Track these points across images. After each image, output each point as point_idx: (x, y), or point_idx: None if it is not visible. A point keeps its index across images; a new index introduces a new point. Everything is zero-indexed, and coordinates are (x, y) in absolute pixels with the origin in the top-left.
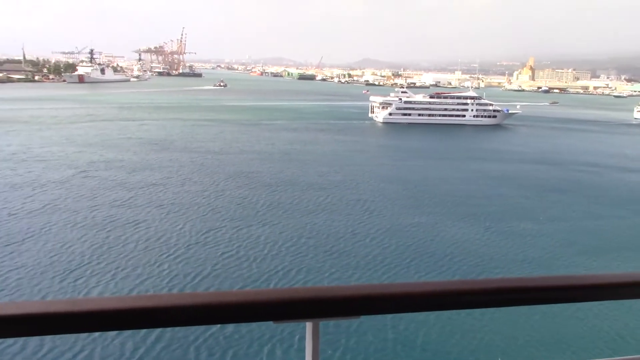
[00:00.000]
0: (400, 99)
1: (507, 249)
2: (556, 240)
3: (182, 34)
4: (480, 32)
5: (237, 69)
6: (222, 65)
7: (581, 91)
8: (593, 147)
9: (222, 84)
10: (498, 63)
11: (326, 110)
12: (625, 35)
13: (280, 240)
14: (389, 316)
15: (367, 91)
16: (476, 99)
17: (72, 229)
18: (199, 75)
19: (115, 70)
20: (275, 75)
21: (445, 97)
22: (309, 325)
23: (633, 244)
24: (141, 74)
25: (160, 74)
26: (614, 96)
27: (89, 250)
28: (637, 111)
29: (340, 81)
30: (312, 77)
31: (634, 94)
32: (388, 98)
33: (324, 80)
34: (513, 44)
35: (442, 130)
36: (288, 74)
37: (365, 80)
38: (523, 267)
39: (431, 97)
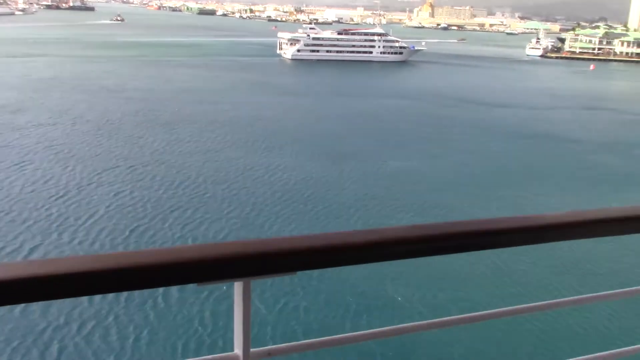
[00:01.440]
0: (309, 35)
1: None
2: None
3: None
4: None
5: (132, 3)
6: None
7: (478, 28)
8: (486, 83)
9: (119, 18)
10: (399, 0)
11: (230, 46)
12: None
13: (177, 180)
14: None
15: (276, 27)
16: (383, 35)
17: None
18: (91, 9)
19: None
20: (174, 9)
21: (353, 34)
22: (238, 285)
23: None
24: (27, 6)
25: (48, 7)
26: (507, 33)
27: None
28: (530, 48)
29: (242, 16)
30: (212, 12)
31: (527, 31)
32: (296, 34)
33: (225, 15)
34: None
35: (348, 67)
36: (187, 8)
37: (267, 16)
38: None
39: (339, 33)
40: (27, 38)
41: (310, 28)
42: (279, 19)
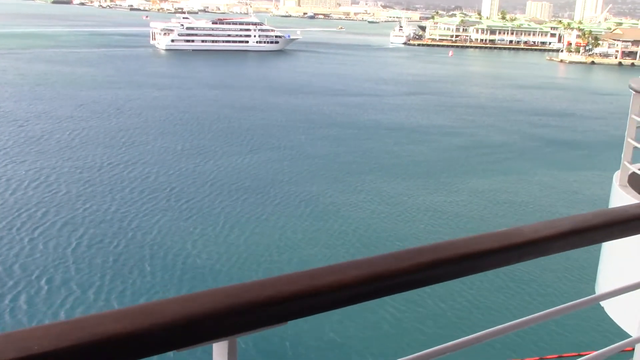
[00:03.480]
0: (182, 24)
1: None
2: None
3: None
4: None
5: None
6: None
7: (343, 17)
8: (351, 70)
9: None
10: None
11: (94, 37)
12: None
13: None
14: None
15: (147, 17)
16: (258, 24)
17: None
18: None
19: None
20: None
21: (228, 23)
22: (221, 346)
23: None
24: None
25: None
26: (368, 22)
27: None
28: (393, 36)
29: (101, 5)
30: (68, 1)
31: (390, 19)
32: (169, 24)
33: (82, 4)
34: None
35: (223, 57)
36: None
37: (129, 5)
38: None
39: (214, 22)
40: None
41: (184, 17)
42: (142, 7)
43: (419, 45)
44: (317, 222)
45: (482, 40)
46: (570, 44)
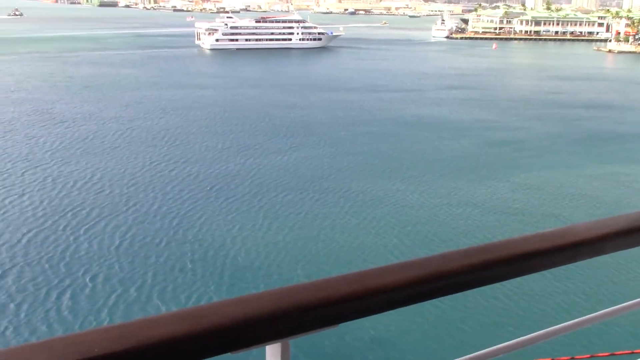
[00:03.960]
0: (226, 24)
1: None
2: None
3: None
4: None
5: None
6: None
7: (385, 12)
8: (393, 66)
9: (17, 12)
10: None
11: (139, 39)
12: None
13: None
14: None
15: (192, 17)
16: (301, 22)
17: None
18: None
19: None
20: (73, 2)
21: (271, 22)
22: (274, 348)
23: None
24: None
25: None
26: (409, 16)
27: None
28: (436, 30)
29: (145, 7)
30: (114, 4)
31: (432, 13)
32: (214, 24)
33: (127, 6)
34: None
35: (267, 55)
36: (87, 0)
37: (172, 6)
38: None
39: (257, 21)
40: None
41: (228, 17)
42: (185, 8)
43: (461, 38)
44: (361, 219)
45: (526, 31)
46: (619, 33)
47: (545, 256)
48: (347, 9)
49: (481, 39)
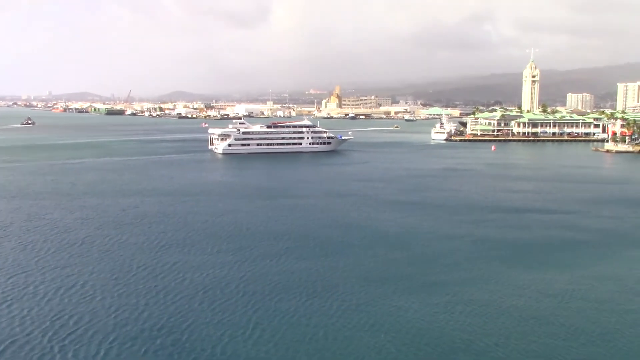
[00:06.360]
0: (239, 129)
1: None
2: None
3: None
4: (289, 63)
5: (36, 106)
6: (19, 103)
7: (384, 116)
8: (397, 166)
9: (29, 121)
10: (307, 92)
11: (145, 145)
12: (421, 64)
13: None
14: None
15: (206, 124)
16: (311, 127)
17: None
18: None
19: None
20: (81, 111)
21: (282, 127)
22: None
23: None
24: None
25: None
26: (406, 120)
27: None
28: (435, 133)
29: (151, 115)
30: (121, 112)
31: (430, 117)
32: (226, 130)
33: (134, 114)
34: (320, 74)
35: (278, 159)
36: (94, 109)
37: (177, 114)
38: None
39: (268, 126)
40: None
41: (240, 123)
42: (190, 115)
43: (460, 140)
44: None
45: (524, 133)
46: (615, 133)
47: None
48: (347, 114)
49: (480, 141)
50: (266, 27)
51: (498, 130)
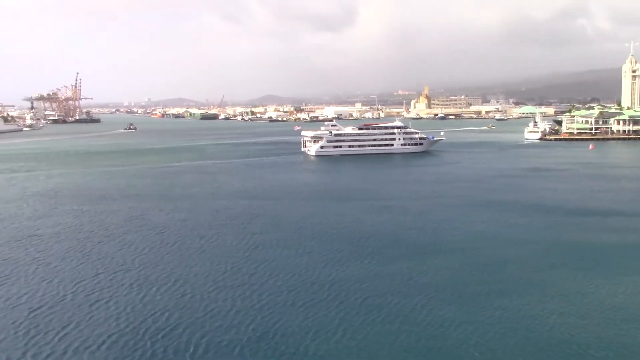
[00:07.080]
0: (331, 132)
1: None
2: None
3: (76, 80)
4: (376, 64)
5: (136, 112)
6: (122, 110)
7: (474, 116)
8: (493, 165)
9: (132, 127)
10: (395, 93)
11: (238, 147)
12: (511, 62)
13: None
14: None
15: (299, 127)
16: (402, 128)
17: None
18: (97, 120)
19: (5, 120)
20: (177, 116)
21: (374, 128)
22: None
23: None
24: (34, 122)
25: (55, 121)
26: (496, 119)
27: None
28: (528, 132)
29: (243, 119)
30: (214, 117)
31: (523, 115)
32: (319, 132)
33: (227, 119)
34: (408, 75)
35: (370, 161)
36: (190, 114)
37: (268, 117)
38: None
39: (360, 128)
40: (34, 150)
41: (332, 125)
42: (280, 118)
43: (555, 140)
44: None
45: (624, 131)
46: None
47: None
48: (437, 114)
49: (576, 139)
50: (352, 29)
51: (596, 129)
